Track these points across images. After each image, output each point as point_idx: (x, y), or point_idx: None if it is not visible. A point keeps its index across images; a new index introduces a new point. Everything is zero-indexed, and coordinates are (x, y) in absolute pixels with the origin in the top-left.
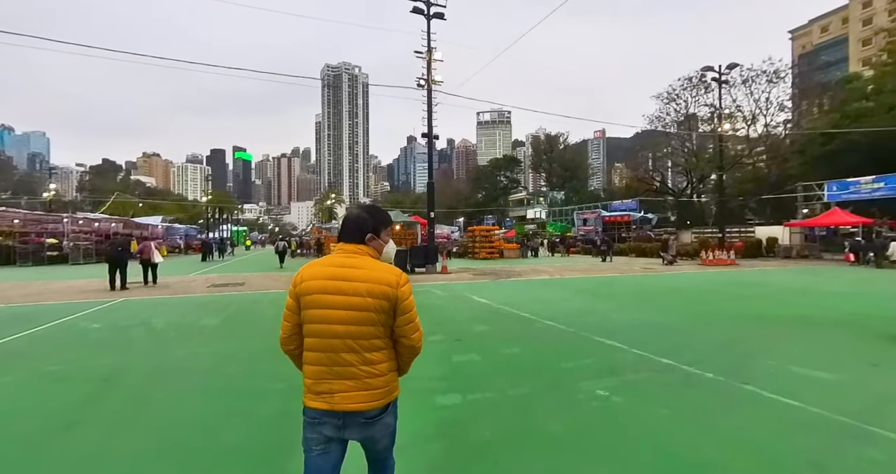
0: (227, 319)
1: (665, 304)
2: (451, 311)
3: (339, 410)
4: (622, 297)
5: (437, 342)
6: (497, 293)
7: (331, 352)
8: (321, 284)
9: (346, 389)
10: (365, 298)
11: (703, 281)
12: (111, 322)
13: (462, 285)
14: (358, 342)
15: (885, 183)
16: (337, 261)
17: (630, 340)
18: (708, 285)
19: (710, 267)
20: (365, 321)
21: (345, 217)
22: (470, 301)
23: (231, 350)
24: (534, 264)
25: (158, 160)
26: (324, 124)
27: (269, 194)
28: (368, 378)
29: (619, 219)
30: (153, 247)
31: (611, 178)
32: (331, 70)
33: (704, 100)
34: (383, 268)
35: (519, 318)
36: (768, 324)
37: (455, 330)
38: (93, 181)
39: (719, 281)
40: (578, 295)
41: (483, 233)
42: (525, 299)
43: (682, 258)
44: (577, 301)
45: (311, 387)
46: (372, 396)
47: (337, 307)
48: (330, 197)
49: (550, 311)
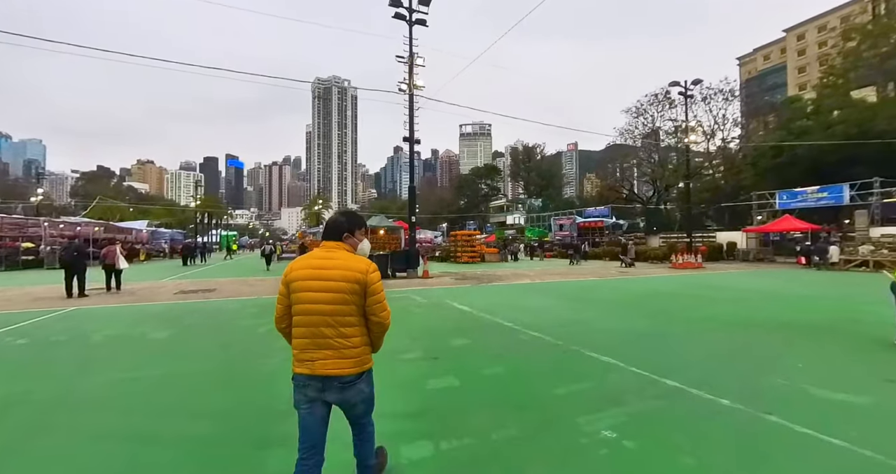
0: (181, 332)
1: (649, 310)
2: (429, 321)
3: (318, 374)
4: (605, 303)
5: (411, 361)
6: (478, 299)
7: (313, 327)
8: (306, 273)
9: (325, 358)
10: (340, 283)
11: (679, 284)
12: (42, 336)
13: (443, 290)
14: (335, 318)
15: (829, 192)
16: (319, 255)
17: (624, 355)
18: (685, 289)
19: (680, 270)
20: (340, 301)
21: (329, 221)
22: (450, 309)
23: (167, 373)
24: (514, 268)
25: (153, 167)
26: (314, 134)
27: (261, 200)
28: (343, 348)
29: (592, 224)
30: (118, 252)
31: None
32: (321, 83)
33: (669, 115)
34: (356, 259)
35: (501, 329)
36: (759, 332)
37: (433, 345)
38: (85, 187)
39: (693, 284)
40: (561, 301)
41: (465, 238)
42: (507, 306)
43: (653, 261)
44: (561, 308)
45: (298, 356)
46: (346, 364)
47: (318, 290)
48: (317, 203)
49: (534, 320)
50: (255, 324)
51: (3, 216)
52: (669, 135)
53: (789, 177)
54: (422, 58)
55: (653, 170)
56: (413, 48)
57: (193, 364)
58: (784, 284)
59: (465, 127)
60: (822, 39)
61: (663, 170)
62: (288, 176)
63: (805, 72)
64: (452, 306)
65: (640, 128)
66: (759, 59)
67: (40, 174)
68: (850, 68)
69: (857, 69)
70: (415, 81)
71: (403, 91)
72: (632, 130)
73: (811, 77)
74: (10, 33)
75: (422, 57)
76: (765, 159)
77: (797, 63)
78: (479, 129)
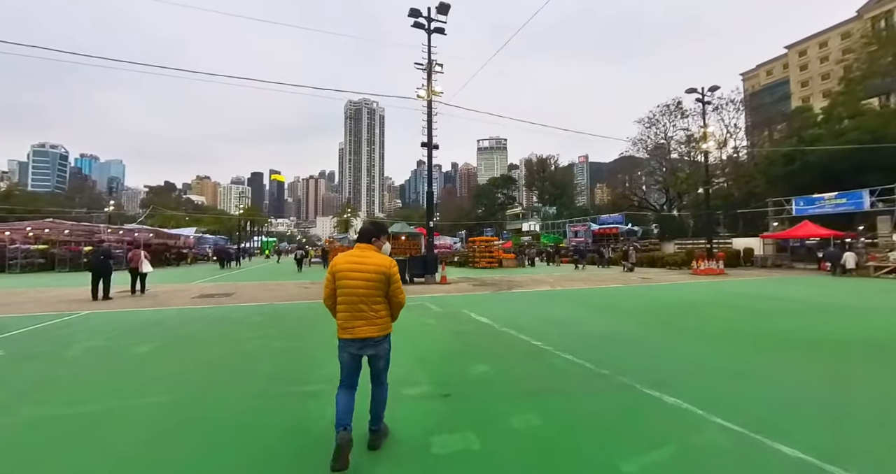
0: (167, 344)
1: (693, 324)
2: (443, 337)
3: (359, 337)
4: (638, 315)
5: (414, 399)
6: (498, 309)
7: (352, 304)
8: (348, 266)
9: (362, 325)
10: (372, 274)
11: (710, 292)
12: (23, 348)
13: (460, 298)
14: (369, 298)
15: (848, 198)
16: (356, 253)
17: (697, 394)
18: (719, 298)
19: (702, 276)
20: (372, 287)
21: (365, 230)
22: (467, 320)
23: (102, 410)
24: (532, 274)
25: (208, 182)
26: (346, 150)
27: (299, 210)
28: (375, 318)
29: (607, 231)
30: (143, 257)
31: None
32: (353, 105)
33: (680, 124)
34: (382, 257)
35: (528, 349)
36: (844, 354)
37: (444, 372)
38: (152, 199)
39: (725, 292)
40: (588, 311)
41: (483, 244)
42: (530, 318)
43: (671, 267)
44: (591, 320)
45: (342, 325)
46: (376, 329)
47: (356, 279)
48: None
49: (565, 337)
50: (249, 336)
51: (72, 223)
52: (681, 144)
53: (801, 184)
54: (440, 65)
55: (665, 179)
56: (431, 55)
57: (144, 396)
58: (822, 292)
59: (483, 141)
60: (824, 55)
61: (676, 178)
62: (323, 188)
63: (808, 85)
64: (470, 317)
65: (653, 137)
66: (762, 75)
67: (112, 188)
68: (868, 75)
69: (875, 76)
70: (433, 88)
71: (422, 97)
72: (644, 140)
73: (814, 90)
74: (105, 58)
75: (440, 64)
76: (775, 167)
77: (799, 78)
78: (495, 144)
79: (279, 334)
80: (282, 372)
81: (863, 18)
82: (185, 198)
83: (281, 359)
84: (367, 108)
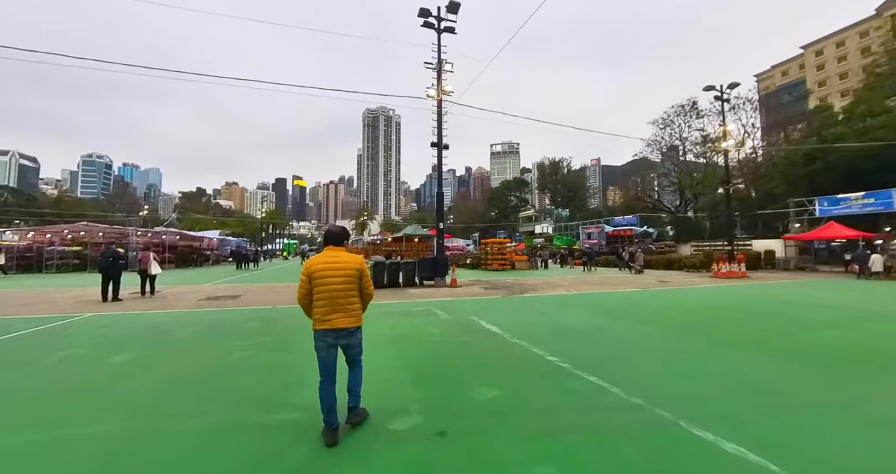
0: (151, 352)
1: (727, 335)
2: (446, 351)
3: (336, 328)
4: (665, 323)
5: (402, 439)
6: (510, 316)
7: (331, 299)
8: (323, 266)
9: (339, 317)
10: (347, 271)
11: (736, 297)
12: (9, 354)
13: (470, 303)
14: (346, 292)
15: (876, 198)
16: (328, 254)
17: (763, 439)
18: (748, 303)
19: (724, 280)
20: (348, 282)
21: (331, 233)
22: (476, 330)
23: (42, 440)
24: (545, 276)
25: (236, 187)
26: (364, 156)
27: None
28: (351, 311)
29: (621, 233)
30: (151, 259)
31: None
32: (370, 113)
33: (696, 125)
34: (353, 256)
35: (544, 367)
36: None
37: (443, 398)
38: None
39: (752, 297)
40: (610, 319)
41: (496, 246)
42: (546, 327)
43: (689, 270)
44: (614, 329)
45: (320, 318)
46: (352, 320)
47: (333, 276)
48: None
49: (585, 351)
50: (238, 346)
51: (105, 226)
52: (697, 144)
53: (822, 185)
54: (450, 63)
55: (679, 180)
56: (441, 54)
57: (93, 422)
58: (858, 297)
59: (496, 146)
60: (842, 54)
61: (691, 180)
62: (342, 193)
63: (825, 85)
64: (479, 326)
65: (667, 138)
66: (777, 76)
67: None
68: (893, 72)
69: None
70: (443, 87)
71: (432, 97)
72: (658, 141)
73: (832, 90)
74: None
75: (450, 62)
76: (795, 167)
77: (816, 78)
78: (508, 148)
79: (270, 343)
80: (257, 392)
81: (882, 16)
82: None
83: (262, 376)
84: (384, 116)
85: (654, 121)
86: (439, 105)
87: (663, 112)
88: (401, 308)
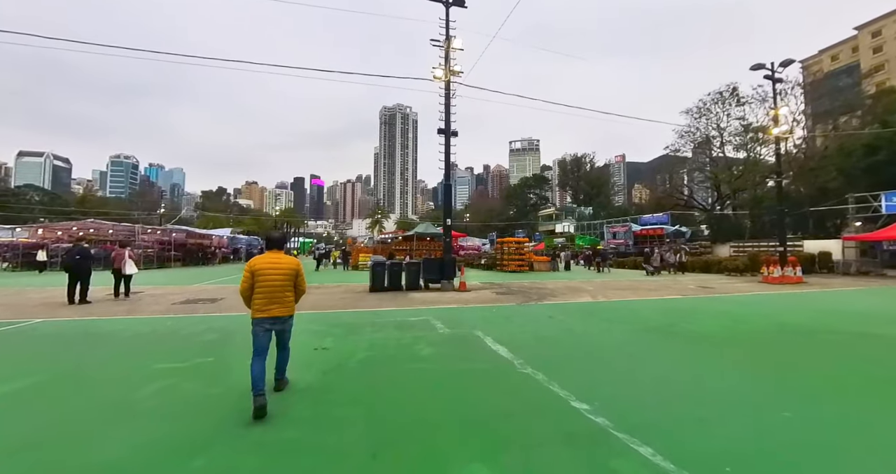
0: (52, 379)
1: (836, 369)
2: (434, 388)
3: (272, 316)
4: (729, 347)
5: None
6: (524, 331)
7: (270, 292)
8: (266, 266)
9: (276, 307)
10: (286, 270)
11: (808, 309)
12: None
13: (477, 312)
14: (283, 288)
15: None
16: (270, 256)
17: None
18: (830, 319)
19: (776, 285)
20: (286, 279)
21: (271, 238)
22: (479, 351)
23: None
24: (567, 279)
25: (256, 186)
26: (381, 155)
27: (337, 212)
28: (286, 302)
29: (651, 232)
30: (127, 256)
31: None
32: (387, 110)
33: (735, 113)
34: (291, 258)
35: (570, 426)
36: None
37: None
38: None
39: (829, 310)
40: (652, 338)
41: (514, 246)
42: (568, 348)
43: (731, 273)
44: (662, 355)
45: (259, 308)
46: (286, 310)
47: (275, 274)
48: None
49: (632, 394)
50: (165, 370)
51: (113, 223)
52: (737, 135)
53: (886, 177)
54: (460, 40)
55: (716, 174)
56: (450, 31)
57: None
58: None
59: (514, 143)
60: None
61: (730, 174)
62: (359, 191)
63: (883, 69)
64: (483, 344)
65: (702, 128)
66: (826, 60)
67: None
68: None
69: None
70: (451, 67)
71: (438, 78)
72: (692, 132)
73: (891, 74)
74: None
75: (459, 39)
76: (853, 159)
77: (872, 61)
78: (527, 145)
79: (209, 367)
80: (139, 460)
81: None
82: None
83: (163, 425)
84: (401, 113)
85: (688, 111)
86: (447, 87)
87: (698, 100)
88: (395, 317)
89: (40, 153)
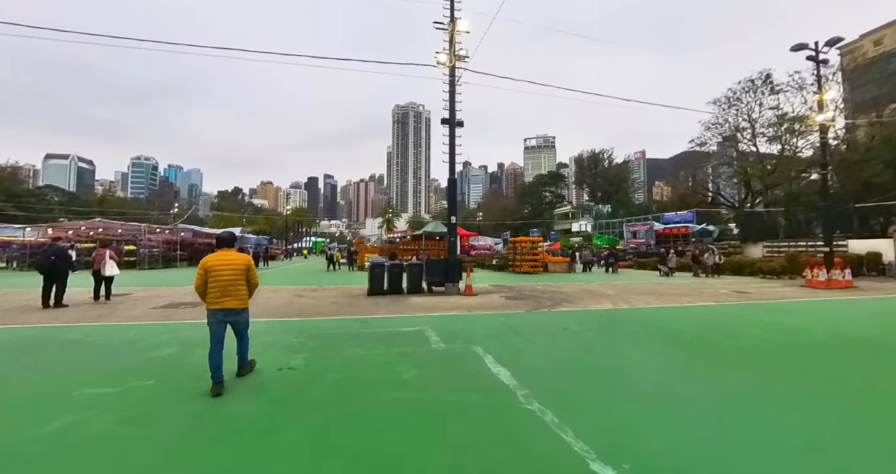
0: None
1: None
2: (410, 427)
3: (226, 308)
4: (792, 371)
5: None
6: (533, 346)
7: (223, 286)
8: (218, 263)
9: (229, 300)
10: (238, 266)
11: (871, 320)
12: None
13: (481, 321)
14: (234, 282)
15: None
16: (222, 254)
17: None
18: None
19: (822, 290)
20: (237, 274)
21: (222, 238)
22: (473, 377)
23: None
24: (584, 282)
25: (270, 186)
26: (394, 153)
27: (350, 212)
28: (238, 295)
29: (675, 231)
30: (107, 257)
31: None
32: (400, 109)
33: (769, 102)
34: (241, 255)
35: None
36: None
37: None
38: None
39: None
40: (689, 358)
41: (527, 245)
42: (592, 376)
43: (767, 276)
44: (706, 383)
45: (213, 300)
46: (238, 303)
47: (226, 270)
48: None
49: (674, 447)
50: (85, 399)
51: (122, 223)
52: (770, 126)
53: None
54: (465, 22)
55: (746, 170)
56: (454, 12)
57: None
58: None
59: (529, 140)
60: None
61: (762, 168)
62: (372, 191)
63: None
64: (482, 366)
65: (731, 120)
66: (868, 46)
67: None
68: None
69: None
70: (456, 51)
71: (442, 63)
72: (721, 123)
73: None
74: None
75: (465, 21)
76: None
77: None
78: (542, 142)
79: (146, 392)
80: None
81: None
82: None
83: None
84: (414, 112)
85: (716, 101)
86: (452, 73)
87: (727, 89)
88: (386, 326)
89: (66, 155)
